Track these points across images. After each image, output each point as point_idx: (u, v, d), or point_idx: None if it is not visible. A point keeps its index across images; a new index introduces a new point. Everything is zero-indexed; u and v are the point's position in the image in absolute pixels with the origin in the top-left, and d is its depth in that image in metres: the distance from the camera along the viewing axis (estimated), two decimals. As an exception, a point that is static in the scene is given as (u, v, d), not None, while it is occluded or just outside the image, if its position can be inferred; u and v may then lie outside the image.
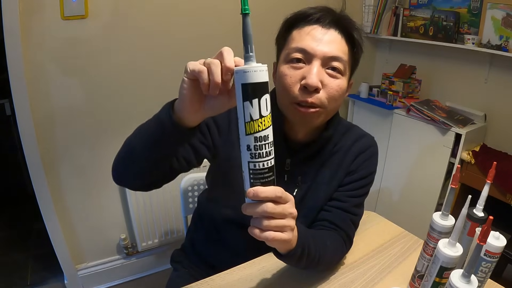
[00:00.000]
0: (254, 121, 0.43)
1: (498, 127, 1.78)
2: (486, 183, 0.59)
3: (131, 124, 1.77)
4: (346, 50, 0.68)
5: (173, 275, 0.96)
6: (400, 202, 2.05)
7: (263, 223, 0.47)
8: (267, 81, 0.44)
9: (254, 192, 0.45)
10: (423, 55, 2.07)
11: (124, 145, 0.64)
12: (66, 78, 1.37)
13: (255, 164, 0.45)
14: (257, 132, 0.43)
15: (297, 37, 0.68)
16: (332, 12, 0.68)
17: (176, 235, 1.78)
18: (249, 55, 0.43)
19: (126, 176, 0.67)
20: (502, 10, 1.60)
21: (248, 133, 0.44)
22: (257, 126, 0.43)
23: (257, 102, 0.43)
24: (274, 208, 0.47)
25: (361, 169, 0.78)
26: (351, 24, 0.69)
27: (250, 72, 0.42)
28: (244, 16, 0.43)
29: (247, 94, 0.43)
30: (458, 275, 0.50)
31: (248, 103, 0.43)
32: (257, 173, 0.45)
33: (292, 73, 0.66)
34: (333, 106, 0.69)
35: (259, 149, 0.44)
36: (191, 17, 1.57)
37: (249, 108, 0.43)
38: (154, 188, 0.67)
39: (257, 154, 0.44)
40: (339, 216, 0.75)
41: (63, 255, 1.54)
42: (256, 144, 0.44)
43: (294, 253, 0.58)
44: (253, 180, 0.45)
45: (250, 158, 0.44)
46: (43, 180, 1.40)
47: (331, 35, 0.66)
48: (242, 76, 0.42)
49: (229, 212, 0.78)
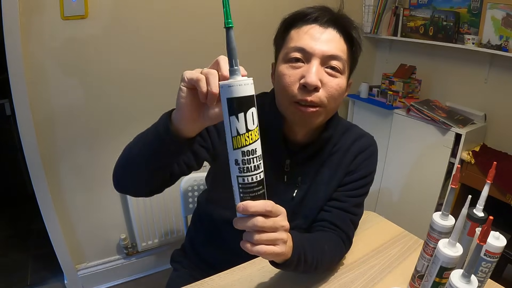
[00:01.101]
0: (241, 135, 0.43)
1: (498, 127, 1.78)
2: (486, 183, 0.59)
3: (131, 124, 1.78)
4: (344, 49, 0.68)
5: (173, 275, 0.96)
6: (400, 202, 2.05)
7: (254, 237, 0.47)
8: (253, 94, 0.43)
9: (244, 207, 0.46)
10: (423, 55, 2.07)
11: (123, 154, 0.64)
12: (66, 78, 1.37)
13: (244, 179, 0.45)
14: (244, 147, 0.43)
15: (295, 36, 0.67)
16: (330, 11, 0.69)
17: (176, 235, 1.78)
18: (234, 69, 0.42)
19: (127, 184, 0.68)
20: (502, 10, 1.60)
21: (235, 148, 0.43)
22: (244, 141, 0.43)
23: (243, 116, 0.42)
24: (264, 222, 0.47)
25: (360, 169, 0.78)
26: (349, 23, 0.69)
27: (235, 86, 0.41)
28: (228, 30, 0.42)
29: (232, 108, 0.42)
30: (458, 275, 0.50)
31: (234, 117, 0.42)
32: (246, 187, 0.45)
33: (291, 72, 0.66)
34: (332, 105, 0.69)
35: (247, 163, 0.44)
36: (191, 18, 1.57)
37: (235, 123, 0.43)
38: (156, 194, 0.67)
39: (245, 169, 0.44)
40: (339, 216, 0.75)
41: (63, 255, 1.54)
42: (244, 158, 0.44)
43: (290, 262, 0.58)
44: (242, 195, 0.45)
45: (239, 173, 0.44)
46: (43, 180, 1.40)
47: (330, 34, 0.66)
48: (227, 91, 0.42)
49: (229, 213, 0.78)
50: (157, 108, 1.86)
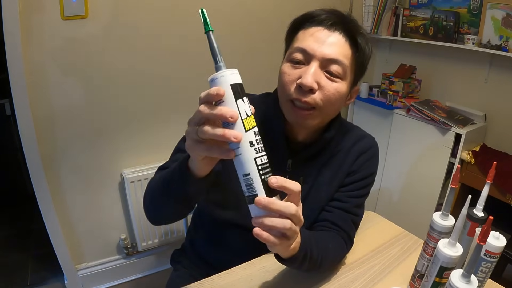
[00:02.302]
0: (249, 117, 0.45)
1: (498, 127, 1.78)
2: (486, 183, 0.59)
3: (131, 123, 1.78)
4: (348, 54, 0.67)
5: (173, 275, 0.96)
6: (400, 202, 2.05)
7: (286, 226, 0.47)
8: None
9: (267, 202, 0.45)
10: (423, 55, 2.07)
11: (151, 198, 0.70)
12: (66, 78, 1.37)
13: (261, 159, 0.45)
14: (254, 127, 0.45)
15: (301, 37, 0.68)
16: (339, 15, 0.68)
17: (176, 235, 1.78)
18: (220, 65, 0.45)
19: (161, 220, 0.76)
20: (502, 10, 1.60)
21: (248, 129, 0.44)
22: (253, 121, 0.45)
23: (247, 100, 0.45)
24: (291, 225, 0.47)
25: (362, 170, 0.78)
26: (356, 28, 0.68)
27: (235, 74, 0.45)
28: (208, 33, 0.46)
29: (237, 92, 0.44)
30: (458, 275, 0.50)
31: (241, 100, 0.44)
32: (264, 167, 0.45)
33: (291, 71, 0.67)
34: (329, 109, 0.69)
35: (259, 143, 0.45)
36: (191, 17, 1.57)
37: (243, 106, 0.44)
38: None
39: (260, 148, 0.45)
40: (340, 216, 0.75)
41: (63, 255, 1.54)
42: (256, 138, 0.45)
43: (296, 257, 0.58)
44: (263, 177, 0.45)
45: (256, 154, 0.44)
46: (43, 180, 1.40)
47: (335, 38, 0.66)
48: (230, 78, 0.44)
49: (229, 214, 0.78)
50: (157, 108, 1.87)
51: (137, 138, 1.60)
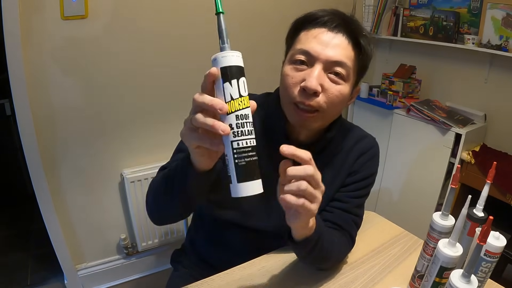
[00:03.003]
0: (235, 100, 0.45)
1: (498, 127, 1.78)
2: (486, 183, 0.59)
3: (131, 124, 1.78)
4: (351, 55, 0.67)
5: (173, 275, 0.96)
6: (400, 202, 2.05)
7: (300, 186, 0.49)
8: (242, 66, 0.46)
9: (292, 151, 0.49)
10: (423, 55, 2.07)
11: (154, 198, 0.70)
12: (66, 78, 1.37)
13: (238, 143, 0.45)
14: (238, 111, 0.45)
15: (303, 38, 0.67)
16: (341, 16, 0.68)
17: (176, 235, 1.78)
18: (225, 46, 0.46)
19: (164, 220, 0.74)
20: (502, 10, 1.60)
21: (229, 112, 0.45)
22: (238, 105, 0.45)
23: (236, 82, 0.45)
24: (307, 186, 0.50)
25: (362, 170, 0.78)
26: (359, 29, 0.68)
27: (228, 56, 0.45)
28: (218, 15, 0.46)
29: (226, 75, 0.45)
30: (458, 275, 0.50)
31: (228, 83, 0.45)
32: (240, 152, 0.45)
33: (294, 74, 0.66)
34: (332, 111, 0.68)
35: (241, 126, 0.45)
36: (191, 17, 1.57)
37: (228, 89, 0.45)
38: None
39: (239, 132, 0.45)
40: (341, 217, 0.75)
41: (63, 255, 1.54)
42: (238, 122, 0.45)
43: (311, 239, 0.59)
44: (237, 161, 0.45)
45: (233, 137, 0.45)
46: (43, 180, 1.40)
47: (338, 39, 0.65)
48: (220, 61, 0.45)
49: (229, 214, 0.78)
50: (157, 108, 1.87)
51: (137, 138, 1.60)
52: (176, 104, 1.62)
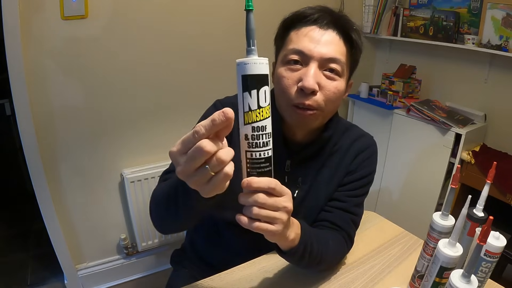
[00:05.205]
0: (252, 111, 0.44)
1: (498, 127, 1.78)
2: (486, 183, 0.59)
3: (131, 124, 1.78)
4: (344, 51, 0.67)
5: (173, 275, 0.96)
6: (400, 202, 2.05)
7: (252, 211, 0.47)
8: (267, 74, 0.45)
9: (248, 182, 0.46)
10: (423, 55, 2.07)
11: (157, 214, 0.66)
12: (66, 78, 1.37)
13: (252, 154, 0.45)
14: (255, 122, 0.44)
15: (294, 38, 0.67)
16: (331, 12, 0.68)
17: (176, 235, 1.77)
18: (251, 49, 0.45)
19: (169, 232, 0.73)
20: (502, 10, 1.60)
21: (246, 123, 0.45)
22: (255, 116, 0.44)
23: (256, 93, 0.44)
24: (265, 199, 0.47)
25: (360, 169, 0.78)
26: (349, 24, 0.68)
27: (250, 64, 0.43)
28: (248, 12, 0.44)
29: (246, 85, 0.44)
30: (458, 275, 0.50)
31: (247, 93, 0.44)
32: (254, 163, 0.46)
33: (289, 75, 0.66)
34: (330, 108, 0.69)
35: (256, 138, 0.45)
36: (191, 16, 1.57)
37: (247, 99, 0.44)
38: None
39: (254, 144, 0.45)
40: (340, 216, 0.75)
41: (63, 255, 1.54)
42: (253, 133, 0.45)
43: (296, 250, 0.58)
44: (249, 170, 0.46)
45: (248, 147, 0.45)
46: (43, 180, 1.40)
47: (329, 36, 0.65)
48: (243, 68, 0.44)
49: (229, 214, 0.77)
50: (157, 108, 1.86)
51: (137, 138, 1.60)
52: (176, 104, 1.62)
